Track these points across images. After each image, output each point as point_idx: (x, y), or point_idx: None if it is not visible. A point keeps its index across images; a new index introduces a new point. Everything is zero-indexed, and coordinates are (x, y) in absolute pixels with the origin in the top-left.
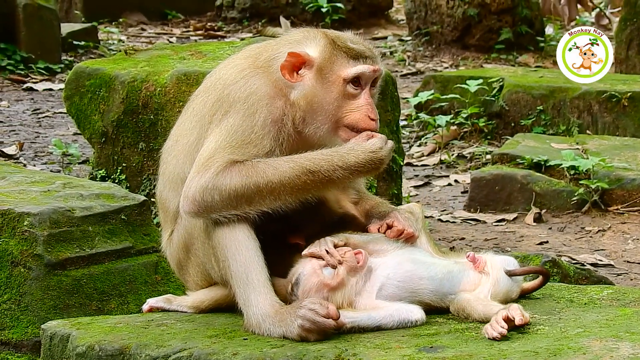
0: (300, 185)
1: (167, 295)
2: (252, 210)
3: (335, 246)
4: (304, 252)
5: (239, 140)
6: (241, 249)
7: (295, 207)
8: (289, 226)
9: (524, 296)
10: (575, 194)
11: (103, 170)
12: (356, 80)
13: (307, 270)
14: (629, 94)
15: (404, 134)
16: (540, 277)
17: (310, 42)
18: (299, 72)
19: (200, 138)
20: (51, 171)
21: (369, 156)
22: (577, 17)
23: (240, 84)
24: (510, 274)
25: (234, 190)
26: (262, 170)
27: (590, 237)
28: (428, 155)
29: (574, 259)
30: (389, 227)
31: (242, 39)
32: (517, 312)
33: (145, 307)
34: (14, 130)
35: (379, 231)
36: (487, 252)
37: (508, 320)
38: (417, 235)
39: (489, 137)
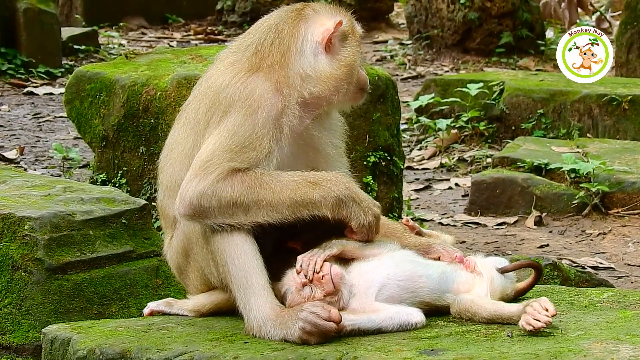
0: (300, 200)
1: (167, 298)
2: (247, 221)
3: (326, 260)
4: (296, 266)
5: (239, 143)
6: (240, 252)
7: (292, 221)
8: (288, 231)
9: (518, 298)
10: (576, 197)
11: (104, 174)
12: None
13: (292, 286)
14: (629, 98)
15: (404, 137)
16: (533, 273)
17: (327, 14)
18: (332, 42)
19: (196, 144)
20: (52, 175)
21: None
22: (578, 20)
23: (237, 85)
24: (503, 270)
25: (233, 200)
26: (265, 183)
27: (591, 240)
28: (429, 158)
29: (574, 262)
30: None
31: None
32: (550, 304)
33: (146, 310)
34: (14, 135)
35: None
36: (477, 255)
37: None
38: (462, 256)
39: (489, 140)
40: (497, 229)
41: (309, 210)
